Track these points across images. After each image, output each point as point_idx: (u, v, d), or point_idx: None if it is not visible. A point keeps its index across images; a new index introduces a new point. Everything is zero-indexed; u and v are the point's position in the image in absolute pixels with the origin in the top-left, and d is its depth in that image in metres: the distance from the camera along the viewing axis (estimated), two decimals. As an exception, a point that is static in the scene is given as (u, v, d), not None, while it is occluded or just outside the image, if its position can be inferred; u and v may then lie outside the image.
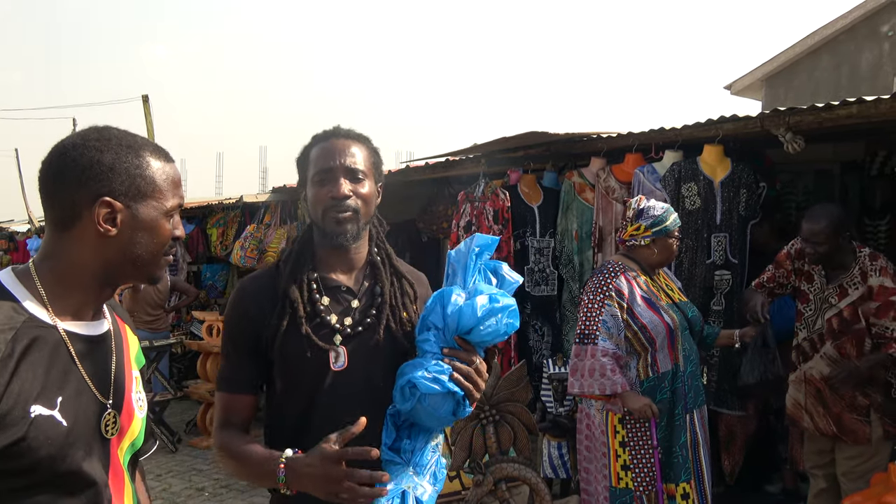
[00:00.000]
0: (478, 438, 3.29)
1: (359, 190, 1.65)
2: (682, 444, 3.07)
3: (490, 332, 1.58)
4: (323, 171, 1.64)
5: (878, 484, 2.93)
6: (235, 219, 8.07)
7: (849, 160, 4.85)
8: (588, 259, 4.44)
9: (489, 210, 4.58)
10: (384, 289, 1.70)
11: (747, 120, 3.54)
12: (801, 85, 12.51)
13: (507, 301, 1.58)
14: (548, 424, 4.20)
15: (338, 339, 1.62)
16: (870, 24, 11.73)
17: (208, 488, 5.19)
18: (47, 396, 1.14)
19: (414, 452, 1.63)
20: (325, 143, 1.68)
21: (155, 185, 1.26)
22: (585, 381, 3.01)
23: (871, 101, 2.99)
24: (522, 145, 4.62)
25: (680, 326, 3.09)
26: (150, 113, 13.96)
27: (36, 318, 1.18)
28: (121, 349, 1.34)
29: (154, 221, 1.27)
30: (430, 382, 1.55)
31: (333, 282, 1.67)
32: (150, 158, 1.27)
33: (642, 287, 3.11)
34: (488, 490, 3.41)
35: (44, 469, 1.13)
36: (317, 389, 1.60)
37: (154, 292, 6.44)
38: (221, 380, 1.68)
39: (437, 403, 1.57)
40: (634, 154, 4.19)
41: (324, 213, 1.64)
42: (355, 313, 1.66)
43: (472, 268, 1.64)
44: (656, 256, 3.17)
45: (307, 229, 1.76)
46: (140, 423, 1.35)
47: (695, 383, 3.16)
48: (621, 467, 3.08)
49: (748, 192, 3.87)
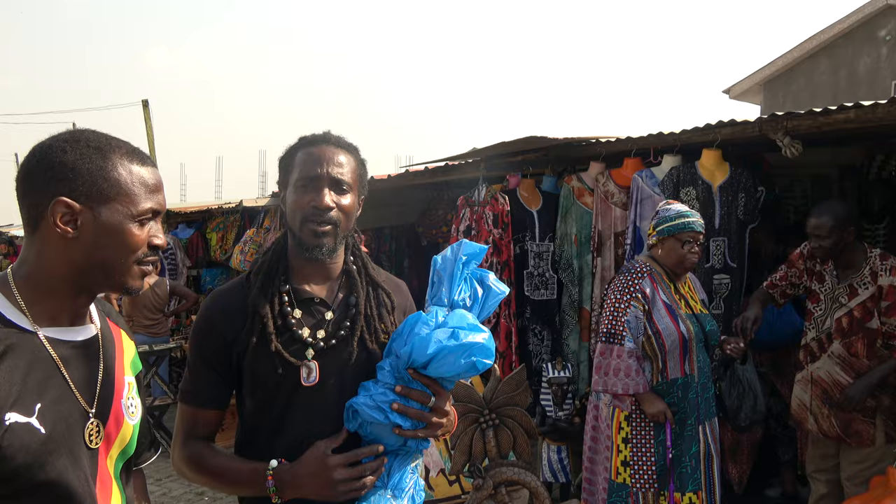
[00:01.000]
0: (477, 442, 3.29)
1: (341, 202, 1.59)
2: (692, 455, 3.06)
3: (445, 369, 1.49)
4: (308, 177, 1.57)
5: (876, 487, 2.93)
6: (235, 223, 8.07)
7: (847, 164, 4.87)
8: (587, 263, 4.44)
9: (489, 214, 4.59)
10: (359, 299, 1.63)
11: (745, 125, 3.55)
12: (800, 89, 12.55)
13: (474, 337, 1.47)
14: (547, 428, 4.20)
15: (310, 353, 1.56)
16: (868, 29, 11.77)
17: (208, 492, 5.18)
18: (24, 403, 1.12)
19: (391, 474, 1.56)
20: (313, 148, 1.61)
21: (120, 188, 1.21)
22: (610, 380, 3.07)
23: (868, 106, 3.00)
24: (522, 150, 4.63)
25: (696, 338, 3.07)
26: (150, 118, 13.95)
27: (14, 325, 1.16)
28: (111, 355, 1.31)
29: (118, 226, 1.21)
30: (372, 410, 1.49)
31: (307, 293, 1.61)
32: (118, 160, 1.22)
33: (665, 293, 3.10)
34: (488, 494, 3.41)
35: (22, 478, 1.10)
36: (288, 405, 1.56)
37: (153, 297, 6.44)
38: (186, 393, 1.63)
39: (380, 431, 1.52)
40: (633, 158, 4.20)
41: (302, 222, 1.57)
42: (328, 325, 1.60)
43: (459, 277, 1.58)
44: (664, 257, 3.13)
45: (281, 237, 1.70)
46: (132, 431, 1.32)
47: (706, 395, 3.15)
48: (622, 463, 3.11)
49: (747, 196, 3.88)
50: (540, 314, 4.62)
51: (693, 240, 3.08)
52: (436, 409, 1.54)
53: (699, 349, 3.10)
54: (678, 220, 3.08)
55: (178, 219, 8.73)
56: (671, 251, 3.10)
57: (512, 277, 4.62)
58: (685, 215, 3.10)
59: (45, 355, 1.17)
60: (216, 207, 8.28)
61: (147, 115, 13.88)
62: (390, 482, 1.56)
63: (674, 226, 3.08)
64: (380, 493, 1.53)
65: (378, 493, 1.53)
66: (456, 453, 3.30)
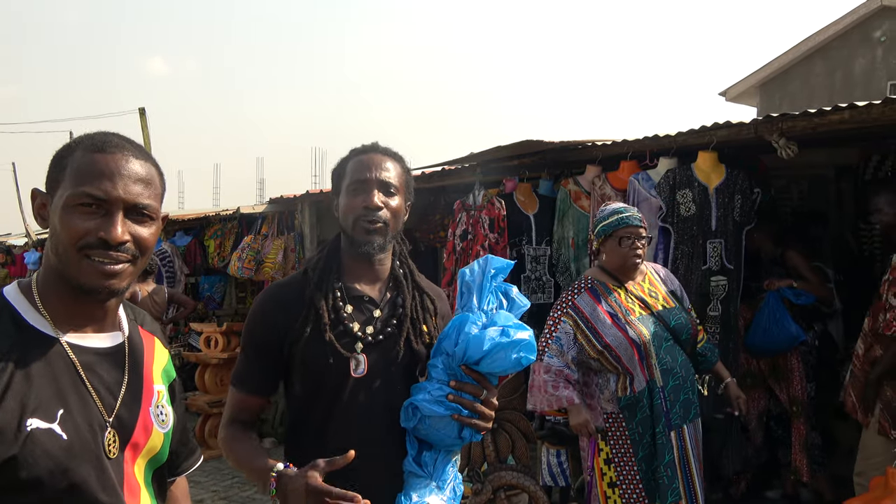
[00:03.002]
0: (476, 447, 3.28)
1: (390, 203, 1.72)
2: (666, 464, 2.92)
3: (497, 365, 1.60)
4: (358, 181, 1.71)
5: (876, 488, 2.93)
6: (233, 230, 8.06)
7: (843, 165, 4.88)
8: (585, 266, 4.44)
9: (485, 219, 4.59)
10: (406, 301, 1.75)
11: (741, 126, 3.56)
12: (796, 91, 12.58)
13: (521, 335, 1.60)
14: (546, 432, 4.19)
15: (359, 346, 1.68)
16: (862, 30, 11.81)
17: (207, 500, 5.17)
18: (46, 409, 1.11)
19: (436, 466, 1.68)
20: (363, 156, 1.75)
21: (65, 173, 1.17)
22: (535, 398, 3.02)
23: (863, 107, 3.00)
24: (518, 154, 4.63)
25: (653, 339, 2.90)
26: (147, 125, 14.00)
27: (36, 331, 1.15)
28: (138, 363, 1.30)
29: (57, 212, 1.16)
30: (432, 405, 1.60)
31: (357, 291, 1.73)
32: (81, 148, 1.19)
33: (610, 303, 2.96)
34: (487, 498, 3.40)
35: (45, 485, 1.09)
36: (337, 395, 1.66)
37: (151, 304, 6.42)
38: (237, 378, 1.75)
39: (439, 425, 1.63)
40: (629, 161, 4.20)
41: (355, 222, 1.70)
42: (377, 322, 1.71)
43: (487, 289, 1.69)
44: (608, 261, 3.01)
45: (334, 239, 1.83)
46: (162, 439, 1.30)
47: (682, 397, 2.96)
48: (608, 485, 2.98)
49: (743, 197, 3.89)
50: (537, 318, 4.62)
51: (632, 235, 2.93)
52: (486, 402, 1.65)
53: (665, 349, 2.92)
54: (612, 217, 2.97)
55: (175, 226, 8.71)
56: (612, 252, 2.98)
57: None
58: (619, 212, 2.98)
59: (67, 362, 1.16)
60: (214, 214, 8.27)
61: (144, 122, 13.91)
62: (435, 474, 1.67)
63: (608, 224, 2.97)
64: (425, 483, 1.66)
65: (423, 483, 1.65)
66: (454, 458, 3.29)
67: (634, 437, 2.95)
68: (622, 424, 2.97)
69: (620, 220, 2.95)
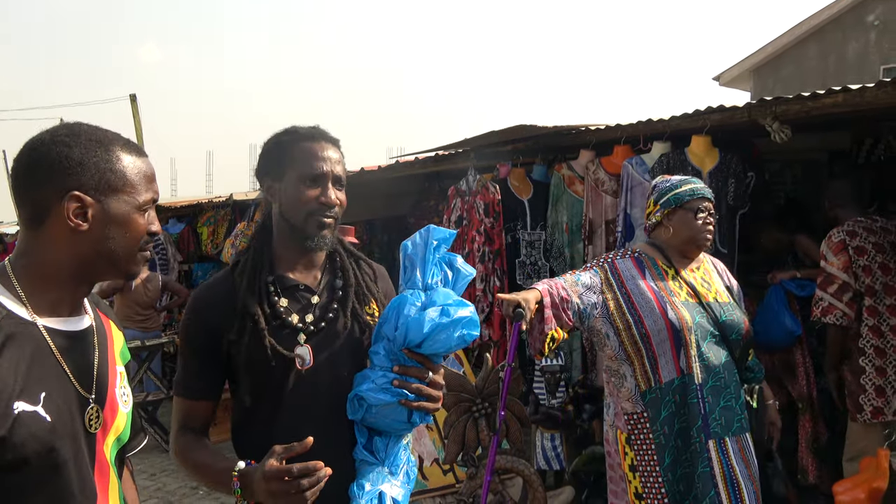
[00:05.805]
0: (470, 432, 3.29)
1: (340, 197, 1.69)
2: (702, 475, 2.46)
3: (440, 345, 1.57)
4: (313, 175, 1.64)
5: (866, 469, 2.96)
6: (226, 217, 8.04)
7: (836, 149, 4.88)
8: (579, 251, 4.45)
9: (480, 204, 4.58)
10: (344, 283, 1.71)
11: (734, 110, 3.55)
12: (789, 75, 12.58)
13: (462, 312, 1.56)
14: (540, 416, 4.22)
15: (302, 338, 1.63)
16: (856, 14, 11.80)
17: (202, 486, 5.18)
18: (30, 392, 1.15)
19: (388, 451, 1.64)
20: (313, 143, 1.66)
21: (126, 180, 1.27)
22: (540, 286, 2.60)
23: (856, 90, 3.00)
24: (511, 139, 4.62)
25: (696, 329, 2.50)
26: (138, 112, 13.87)
27: (14, 315, 1.18)
28: (104, 344, 1.35)
29: (126, 216, 1.27)
30: (377, 393, 1.57)
31: (291, 281, 1.68)
32: (120, 153, 1.27)
33: (654, 279, 2.60)
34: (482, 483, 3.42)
35: (32, 465, 1.14)
36: (284, 392, 1.61)
37: (144, 292, 6.41)
38: (180, 385, 1.69)
39: (387, 412, 1.59)
40: (623, 146, 4.19)
41: (308, 216, 1.64)
42: (315, 309, 1.67)
43: (430, 261, 1.65)
44: (673, 236, 2.62)
45: (261, 229, 1.75)
46: (125, 418, 1.36)
47: (722, 403, 2.51)
48: (634, 496, 2.58)
49: (737, 181, 3.89)
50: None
51: (707, 209, 2.60)
52: (433, 383, 1.62)
53: (707, 344, 2.52)
54: (684, 186, 2.61)
55: (168, 213, 8.69)
56: (683, 225, 2.59)
57: (504, 266, 4.62)
58: (692, 181, 2.64)
59: (44, 345, 1.20)
60: (206, 202, 8.24)
61: (135, 109, 13.81)
62: (387, 460, 1.64)
63: (680, 193, 2.60)
64: (377, 470, 1.62)
65: (376, 469, 1.61)
66: (449, 443, 3.31)
67: (660, 439, 2.51)
68: (646, 426, 2.54)
69: (694, 191, 2.59)
